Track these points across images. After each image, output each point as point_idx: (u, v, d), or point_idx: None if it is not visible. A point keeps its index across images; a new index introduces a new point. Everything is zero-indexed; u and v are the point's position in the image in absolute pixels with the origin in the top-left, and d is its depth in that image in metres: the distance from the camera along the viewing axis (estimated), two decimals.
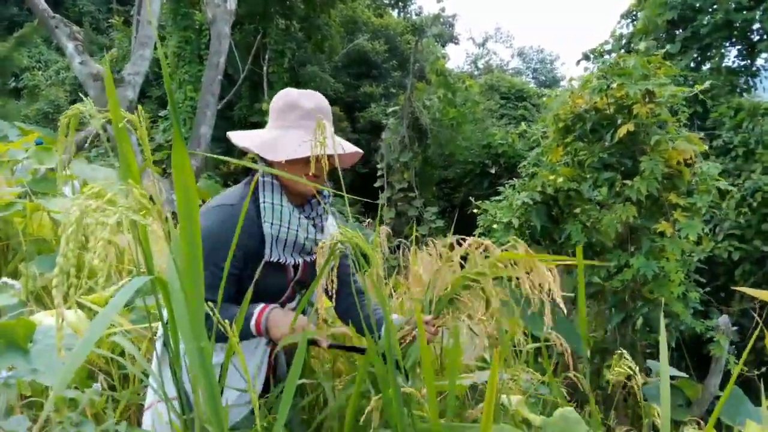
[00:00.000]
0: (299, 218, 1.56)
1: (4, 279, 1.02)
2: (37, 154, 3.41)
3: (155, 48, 6.66)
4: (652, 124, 3.83)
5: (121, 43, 15.62)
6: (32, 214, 2.80)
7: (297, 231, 1.55)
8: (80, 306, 2.15)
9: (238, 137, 1.55)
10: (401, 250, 3.79)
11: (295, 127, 1.52)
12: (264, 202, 1.52)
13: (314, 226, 1.61)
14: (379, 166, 11.58)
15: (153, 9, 6.66)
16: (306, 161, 1.42)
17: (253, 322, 1.47)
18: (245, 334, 1.48)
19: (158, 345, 1.63)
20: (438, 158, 12.35)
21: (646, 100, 3.80)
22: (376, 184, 11.43)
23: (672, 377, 3.89)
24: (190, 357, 0.93)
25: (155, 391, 1.23)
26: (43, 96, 17.46)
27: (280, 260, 1.54)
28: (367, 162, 16.03)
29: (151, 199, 1.01)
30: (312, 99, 1.56)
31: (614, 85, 3.81)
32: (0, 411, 0.96)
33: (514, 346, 2.75)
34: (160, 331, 1.57)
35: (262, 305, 1.50)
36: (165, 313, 1.33)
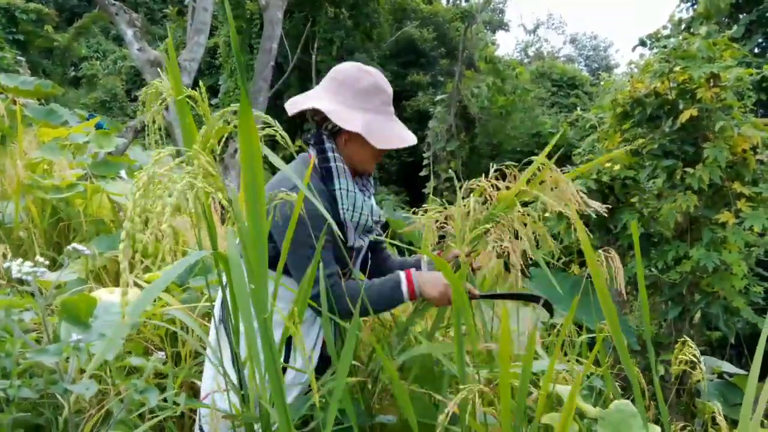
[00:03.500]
0: (365, 201, 1.58)
1: (74, 245, 1.04)
2: (97, 139, 3.50)
3: (211, 35, 6.82)
4: (717, 109, 3.66)
5: (174, 33, 15.97)
6: (92, 196, 2.88)
7: (368, 215, 1.58)
8: (137, 285, 2.21)
9: (339, 116, 1.49)
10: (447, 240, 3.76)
11: (382, 113, 1.54)
12: (340, 189, 1.53)
13: (372, 203, 1.65)
14: (425, 155, 11.51)
15: None
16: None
17: (405, 288, 1.49)
18: (392, 303, 1.51)
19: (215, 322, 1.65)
20: (486, 147, 12.17)
21: (711, 83, 3.63)
22: (422, 173, 11.37)
23: (730, 374, 3.74)
24: (248, 333, 0.93)
25: (213, 364, 1.24)
26: (100, 85, 18.05)
27: (355, 244, 1.58)
28: (413, 151, 15.95)
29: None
30: (387, 82, 1.59)
31: (677, 69, 3.65)
32: (69, 375, 0.99)
33: (569, 337, 2.69)
34: (216, 311, 1.58)
35: (401, 272, 1.52)
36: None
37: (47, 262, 0.98)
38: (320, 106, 1.48)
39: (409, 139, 1.54)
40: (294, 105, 1.55)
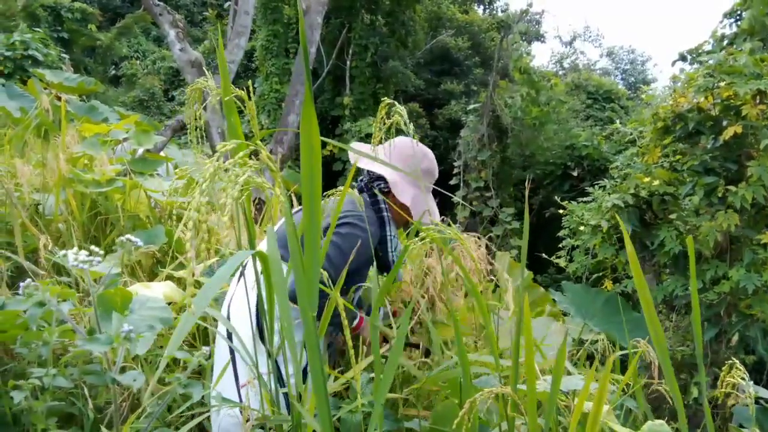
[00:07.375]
0: (398, 244, 1.94)
1: (128, 236, 1.05)
2: (136, 136, 3.56)
3: (250, 38, 6.88)
4: (763, 127, 3.56)
5: (213, 35, 16.22)
6: (130, 192, 2.93)
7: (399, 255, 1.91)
8: (170, 278, 2.24)
9: (397, 188, 1.86)
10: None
11: (428, 191, 1.99)
12: (389, 235, 1.93)
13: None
14: (455, 163, 11.44)
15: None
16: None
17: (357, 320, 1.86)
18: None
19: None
20: (517, 158, 12.02)
21: (757, 100, 3.53)
22: (452, 182, 11.30)
23: (766, 400, 3.61)
24: (286, 332, 0.92)
25: (250, 367, 1.23)
26: (139, 84, 18.42)
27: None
28: (443, 159, 15.87)
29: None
30: (436, 166, 2.03)
31: (722, 84, 3.56)
32: (118, 365, 0.99)
33: (600, 354, 2.63)
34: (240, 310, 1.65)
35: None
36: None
37: (102, 252, 0.98)
38: (387, 176, 1.87)
39: (437, 216, 1.96)
40: (363, 161, 1.87)
